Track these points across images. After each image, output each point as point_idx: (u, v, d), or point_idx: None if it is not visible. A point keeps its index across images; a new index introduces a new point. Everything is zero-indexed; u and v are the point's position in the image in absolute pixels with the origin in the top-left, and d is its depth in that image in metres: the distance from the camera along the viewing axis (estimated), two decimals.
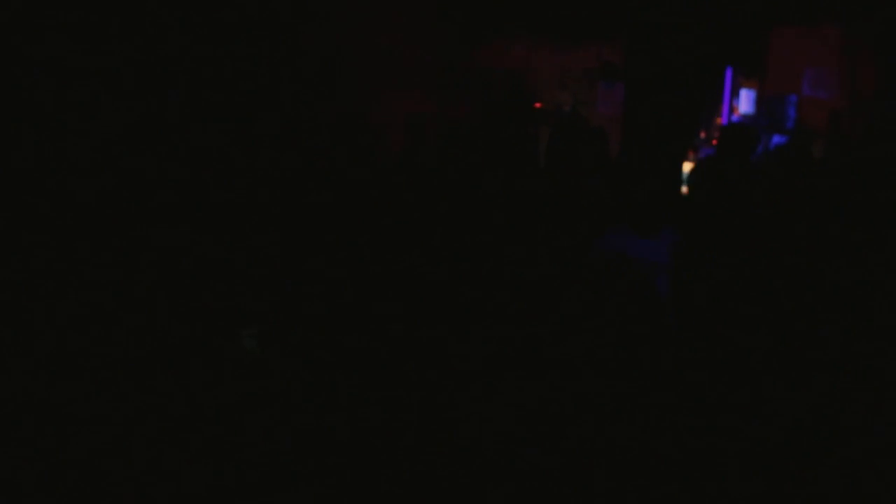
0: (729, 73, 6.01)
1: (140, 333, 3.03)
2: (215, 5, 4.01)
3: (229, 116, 3.97)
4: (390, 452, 2.55)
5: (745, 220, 3.51)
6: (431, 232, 3.73)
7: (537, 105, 5.67)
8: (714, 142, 5.72)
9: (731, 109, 6.09)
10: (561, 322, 3.18)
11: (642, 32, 4.63)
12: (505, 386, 2.95)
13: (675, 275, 3.12)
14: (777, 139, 5.61)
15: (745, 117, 5.98)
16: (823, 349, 3.14)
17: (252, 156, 3.90)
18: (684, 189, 4.41)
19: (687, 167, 4.67)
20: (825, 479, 2.42)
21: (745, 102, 6.06)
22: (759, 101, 5.99)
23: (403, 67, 5.01)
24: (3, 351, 2.84)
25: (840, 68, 5.73)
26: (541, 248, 3.62)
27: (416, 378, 3.01)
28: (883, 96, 5.35)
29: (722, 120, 6.00)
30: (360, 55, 4.94)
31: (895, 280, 3.27)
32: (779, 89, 5.84)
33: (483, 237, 3.68)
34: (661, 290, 3.10)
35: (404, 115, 4.43)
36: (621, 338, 2.99)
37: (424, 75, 5.15)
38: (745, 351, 3.15)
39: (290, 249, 3.55)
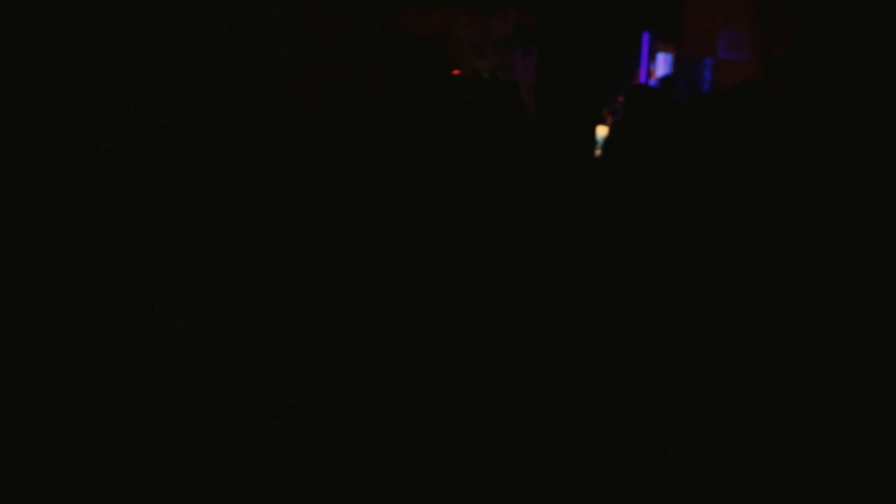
0: (646, 38, 6.06)
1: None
2: None
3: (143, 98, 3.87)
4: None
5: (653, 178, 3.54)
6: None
7: (456, 72, 5.65)
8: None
9: (649, 73, 6.14)
10: None
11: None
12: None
13: None
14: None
15: (662, 80, 6.03)
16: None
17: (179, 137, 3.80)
18: (598, 153, 4.45)
19: (602, 131, 4.71)
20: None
21: (662, 66, 6.12)
22: (676, 65, 6.04)
23: (320, 34, 4.93)
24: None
25: (754, 31, 5.80)
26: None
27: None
28: (795, 57, 5.42)
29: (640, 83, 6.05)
30: (275, 20, 4.85)
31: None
32: (695, 52, 5.89)
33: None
34: None
35: (323, 82, 4.36)
36: None
37: (341, 42, 5.08)
38: None
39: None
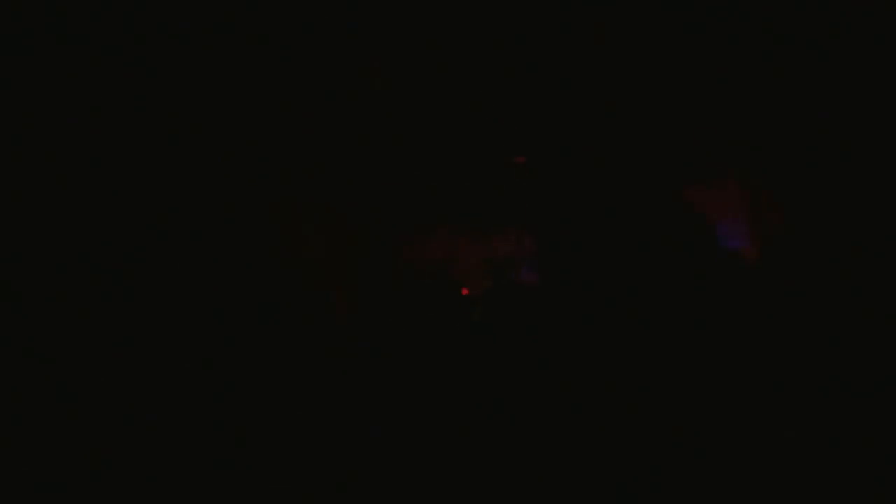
0: None
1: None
2: None
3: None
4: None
5: None
6: None
7: (464, 292, 5.70)
8: None
9: None
10: None
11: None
12: None
13: None
14: None
15: None
16: None
17: None
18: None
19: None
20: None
21: None
22: None
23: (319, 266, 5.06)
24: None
25: (749, 219, 5.91)
26: None
27: None
28: (792, 239, 5.51)
29: None
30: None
31: None
32: None
33: None
34: None
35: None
36: None
37: (341, 274, 5.19)
38: None
39: None
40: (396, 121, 5.69)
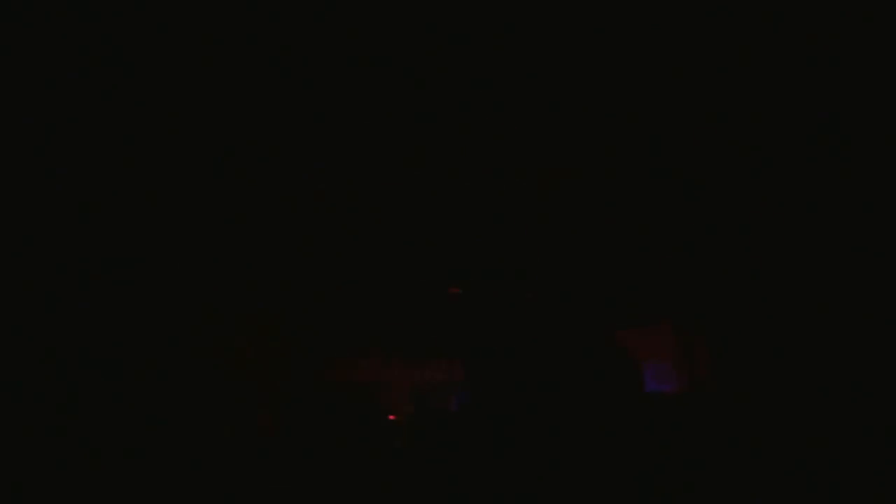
0: None
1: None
2: None
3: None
4: None
5: None
6: None
7: (391, 417, 5.70)
8: None
9: None
10: None
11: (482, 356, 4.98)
12: None
13: None
14: None
15: None
16: None
17: None
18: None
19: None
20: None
21: None
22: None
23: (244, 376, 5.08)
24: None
25: (676, 363, 6.00)
26: None
27: None
28: (718, 383, 5.58)
29: None
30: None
31: None
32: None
33: None
34: None
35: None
36: None
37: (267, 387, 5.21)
38: None
39: None
40: (342, 247, 5.86)
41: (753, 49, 3.79)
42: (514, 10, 3.47)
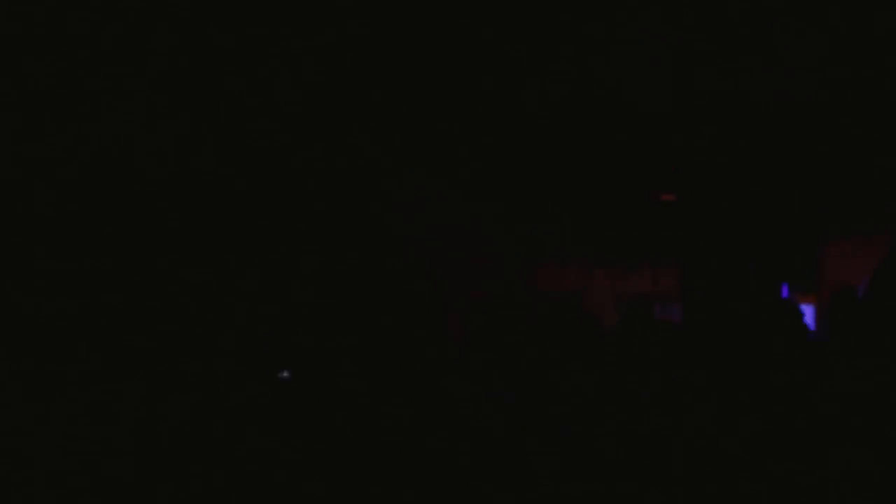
0: (784, 290, 6.09)
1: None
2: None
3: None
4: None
5: None
6: None
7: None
8: None
9: None
10: None
11: (698, 257, 4.86)
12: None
13: None
14: None
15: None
16: None
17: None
18: None
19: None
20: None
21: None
22: (818, 317, 6.00)
23: (467, 284, 5.22)
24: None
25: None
26: None
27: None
28: None
29: None
30: (434, 268, 5.21)
31: None
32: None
33: None
34: None
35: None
36: None
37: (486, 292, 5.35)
38: None
39: None
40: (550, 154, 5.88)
41: None
42: None
